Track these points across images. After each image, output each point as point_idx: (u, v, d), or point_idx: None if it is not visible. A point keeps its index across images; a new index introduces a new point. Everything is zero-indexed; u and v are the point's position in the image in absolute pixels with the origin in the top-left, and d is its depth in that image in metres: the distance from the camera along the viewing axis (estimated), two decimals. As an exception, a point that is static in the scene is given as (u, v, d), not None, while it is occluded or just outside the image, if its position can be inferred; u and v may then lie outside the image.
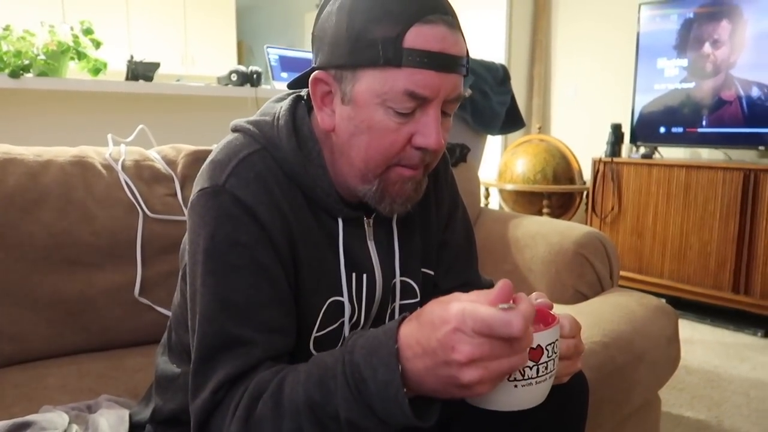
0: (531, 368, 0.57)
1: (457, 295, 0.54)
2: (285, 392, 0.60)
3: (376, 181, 0.71)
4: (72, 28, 2.13)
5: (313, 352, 0.76)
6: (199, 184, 0.72)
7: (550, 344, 0.57)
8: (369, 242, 0.79)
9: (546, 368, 0.58)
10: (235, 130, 0.77)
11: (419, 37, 0.64)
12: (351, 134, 0.69)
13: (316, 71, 0.71)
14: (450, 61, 0.66)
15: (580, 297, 1.54)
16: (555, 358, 0.59)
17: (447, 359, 0.50)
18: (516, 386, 0.57)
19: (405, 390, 0.53)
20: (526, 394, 0.58)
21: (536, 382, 0.57)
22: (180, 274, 0.80)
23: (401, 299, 0.83)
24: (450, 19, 0.67)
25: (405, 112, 0.67)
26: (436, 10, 0.65)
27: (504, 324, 0.49)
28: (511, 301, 0.53)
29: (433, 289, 0.88)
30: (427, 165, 0.73)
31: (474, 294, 0.53)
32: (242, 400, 0.62)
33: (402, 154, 0.69)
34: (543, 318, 0.64)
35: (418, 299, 0.85)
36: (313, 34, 0.73)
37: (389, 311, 0.83)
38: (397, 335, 0.54)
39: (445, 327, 0.50)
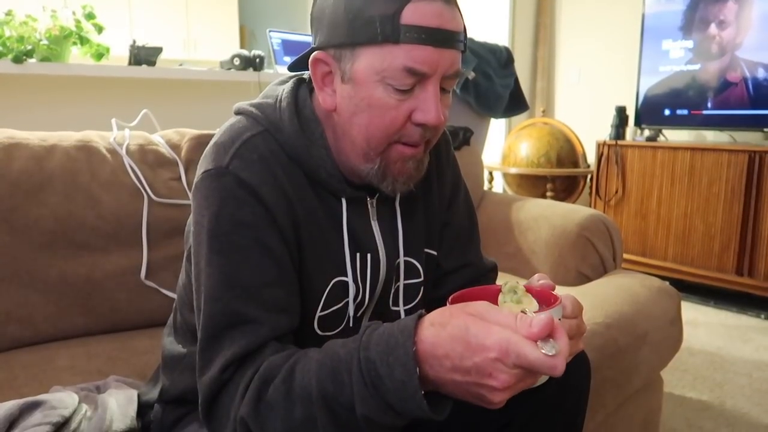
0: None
1: (492, 314, 0.53)
2: (296, 379, 0.60)
3: (378, 159, 0.71)
4: (74, 13, 2.12)
5: (318, 331, 0.77)
6: (202, 166, 0.73)
7: None
8: (373, 222, 0.79)
9: (550, 348, 0.58)
10: (237, 112, 0.78)
11: (416, 13, 0.65)
12: (352, 113, 0.70)
13: (316, 51, 0.71)
14: (447, 37, 0.66)
15: (584, 279, 1.55)
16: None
17: (481, 383, 0.52)
18: None
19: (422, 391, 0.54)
20: None
21: None
22: (185, 255, 0.81)
23: (405, 279, 0.84)
24: None
25: (404, 89, 0.67)
26: None
27: (549, 368, 0.50)
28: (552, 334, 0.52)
29: (436, 269, 0.89)
30: (427, 142, 0.73)
31: (511, 318, 0.52)
32: (252, 382, 0.63)
33: (402, 131, 0.70)
34: (545, 298, 0.64)
35: (422, 279, 0.86)
36: (311, 15, 0.73)
37: (393, 291, 0.84)
38: (414, 336, 0.55)
39: (484, 353, 0.51)
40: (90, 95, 2.16)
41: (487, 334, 0.51)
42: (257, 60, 2.45)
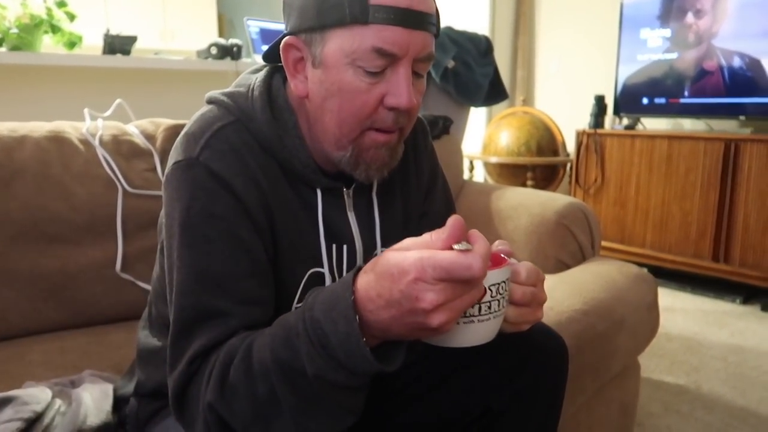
0: (473, 306, 0.57)
1: (409, 241, 0.54)
2: (254, 356, 0.60)
3: (351, 146, 0.70)
4: (45, 0, 2.07)
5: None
6: (173, 157, 0.71)
7: (494, 285, 0.57)
8: (349, 213, 0.79)
9: (489, 308, 0.58)
10: (209, 101, 0.76)
11: None
12: (323, 98, 0.69)
13: (287, 37, 0.70)
14: (418, 17, 0.66)
15: (562, 266, 1.56)
16: (500, 300, 0.59)
17: (413, 308, 0.51)
18: (458, 323, 0.57)
19: (365, 339, 0.54)
20: (468, 332, 0.58)
21: (478, 321, 0.58)
22: (158, 247, 0.79)
23: None
24: None
25: (375, 71, 0.66)
26: None
27: (465, 268, 0.50)
28: (466, 240, 0.53)
29: None
30: (402, 129, 0.72)
31: (426, 236, 0.54)
32: (214, 368, 0.62)
33: (375, 116, 0.69)
34: (495, 261, 0.63)
35: None
36: (284, 1, 0.72)
37: None
38: (353, 287, 0.55)
39: (405, 278, 0.51)
40: (62, 85, 2.12)
41: (404, 259, 0.51)
42: (235, 49, 2.42)
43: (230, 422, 0.61)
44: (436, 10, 0.70)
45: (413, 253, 0.51)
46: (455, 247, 0.51)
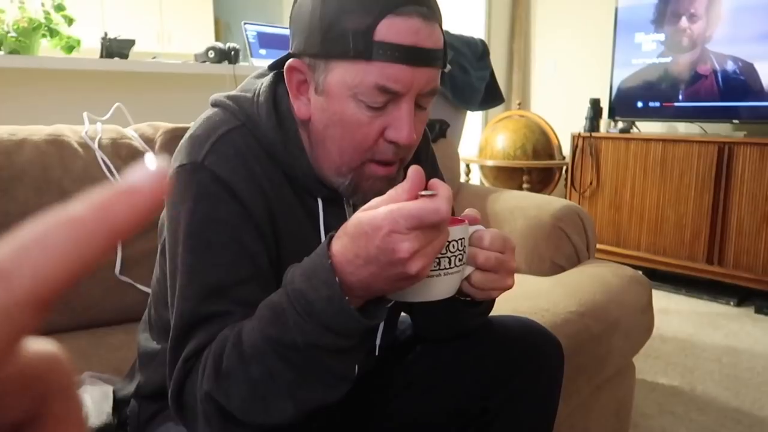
0: None
1: (376, 200, 0.56)
2: (244, 340, 0.61)
3: (350, 175, 0.71)
4: (43, 4, 2.08)
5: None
6: (177, 159, 0.72)
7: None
8: None
9: (438, 264, 0.60)
10: (214, 105, 0.77)
11: (391, 30, 0.63)
12: (325, 125, 0.69)
13: (291, 59, 0.70)
14: (423, 55, 0.65)
15: (558, 269, 1.57)
16: (451, 258, 0.60)
17: (390, 260, 0.53)
18: None
19: (348, 298, 0.56)
20: (417, 289, 0.60)
21: (427, 276, 0.59)
22: (159, 250, 0.80)
23: None
24: (425, 11, 0.65)
25: (376, 106, 0.66)
26: (409, 1, 0.64)
27: (433, 212, 0.52)
28: (426, 186, 0.55)
29: None
30: (401, 159, 0.72)
31: (390, 191, 0.56)
32: (208, 359, 0.63)
33: (375, 148, 0.69)
34: (451, 223, 0.64)
35: None
36: (290, 16, 0.72)
37: None
38: (329, 252, 0.57)
39: (379, 233, 0.53)
40: (60, 89, 2.12)
41: (375, 216, 0.54)
42: (232, 53, 2.43)
43: (229, 408, 0.62)
44: (443, 42, 0.68)
45: (383, 209, 0.54)
46: (421, 194, 0.54)
